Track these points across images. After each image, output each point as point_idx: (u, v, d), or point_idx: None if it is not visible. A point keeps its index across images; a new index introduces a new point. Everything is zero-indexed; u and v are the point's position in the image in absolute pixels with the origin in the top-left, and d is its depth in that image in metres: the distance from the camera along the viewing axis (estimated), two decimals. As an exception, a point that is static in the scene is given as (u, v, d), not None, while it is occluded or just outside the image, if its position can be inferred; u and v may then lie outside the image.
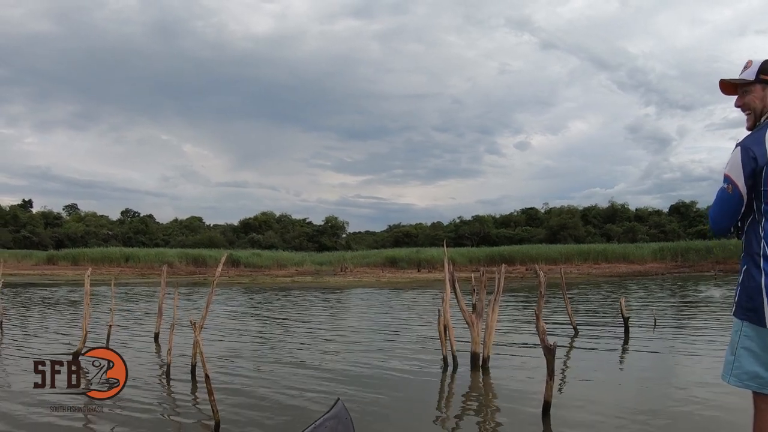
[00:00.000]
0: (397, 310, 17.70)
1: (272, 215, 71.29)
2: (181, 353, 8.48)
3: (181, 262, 43.67)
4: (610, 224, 62.02)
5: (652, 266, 39.57)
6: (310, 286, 29.26)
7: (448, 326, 8.31)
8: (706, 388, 6.62)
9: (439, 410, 6.38)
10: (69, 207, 74.53)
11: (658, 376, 7.81)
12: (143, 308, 17.65)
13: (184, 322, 9.84)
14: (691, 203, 64.63)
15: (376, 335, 11.90)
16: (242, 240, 63.94)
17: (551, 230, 59.84)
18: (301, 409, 6.05)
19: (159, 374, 7.95)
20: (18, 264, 43.28)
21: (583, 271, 37.58)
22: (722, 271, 32.50)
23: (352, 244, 66.98)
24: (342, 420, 3.00)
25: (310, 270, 43.33)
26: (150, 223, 71.62)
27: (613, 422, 5.49)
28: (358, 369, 8.23)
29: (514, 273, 34.28)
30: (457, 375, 7.79)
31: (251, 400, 6.46)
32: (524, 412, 5.88)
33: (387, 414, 5.98)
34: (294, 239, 64.72)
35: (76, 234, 61.53)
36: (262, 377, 7.71)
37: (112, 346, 9.51)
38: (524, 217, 67.65)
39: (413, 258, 44.47)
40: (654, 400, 6.31)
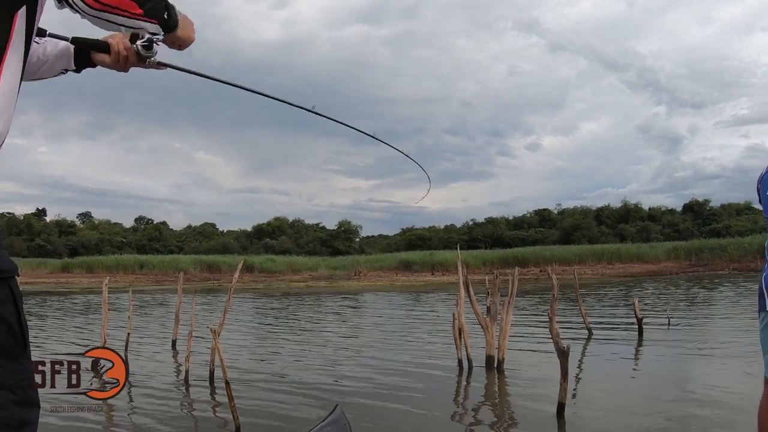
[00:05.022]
0: (411, 313, 17.77)
1: (285, 220, 71.37)
2: (198, 359, 8.58)
3: (195, 269, 43.77)
4: (623, 224, 61.63)
5: (666, 266, 39.29)
6: (324, 291, 29.36)
7: (463, 329, 8.37)
8: (718, 389, 6.64)
9: (454, 411, 6.44)
10: (83, 215, 74.83)
11: (672, 377, 7.81)
12: (159, 315, 17.82)
13: (201, 328, 9.94)
14: (705, 201, 64.10)
15: (390, 338, 11.97)
16: (256, 245, 64.02)
17: (564, 231, 59.58)
18: (320, 410, 6.13)
19: (178, 380, 8.06)
20: (33, 272, 43.53)
21: (597, 272, 37.45)
22: (737, 270, 32.28)
23: (366, 248, 66.92)
24: (341, 425, 3.05)
25: (324, 275, 43.36)
26: (164, 230, 71.85)
27: (626, 424, 5.53)
28: (374, 372, 8.31)
29: (528, 275, 34.22)
30: (472, 377, 7.85)
31: (268, 405, 6.55)
32: (539, 413, 5.93)
33: (403, 416, 6.05)
34: (307, 244, 64.77)
35: (90, 242, 61.84)
36: (279, 382, 7.80)
37: (130, 353, 9.64)
38: (537, 219, 67.34)
39: (427, 261, 44.41)
40: (667, 401, 6.34)
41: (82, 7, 1.46)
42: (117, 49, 1.84)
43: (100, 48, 1.88)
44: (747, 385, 6.38)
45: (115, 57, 1.86)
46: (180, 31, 1.72)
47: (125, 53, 1.84)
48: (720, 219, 58.74)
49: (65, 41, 1.89)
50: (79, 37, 1.89)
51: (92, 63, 1.94)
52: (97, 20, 1.52)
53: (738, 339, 10.07)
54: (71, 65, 1.94)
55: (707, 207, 63.04)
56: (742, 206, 57.67)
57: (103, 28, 1.58)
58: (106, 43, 1.86)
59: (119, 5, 1.50)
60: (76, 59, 1.93)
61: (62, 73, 1.97)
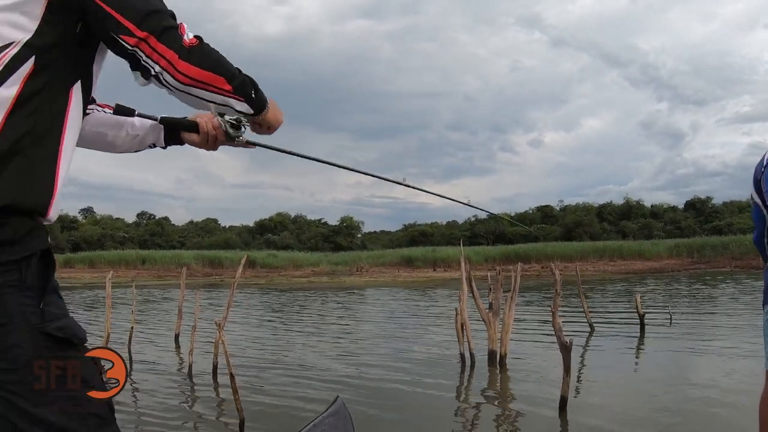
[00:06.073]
0: (413, 308, 17.79)
1: (287, 216, 71.47)
2: (201, 353, 8.61)
3: (197, 264, 43.83)
4: (625, 221, 61.68)
5: (668, 263, 39.29)
6: (326, 287, 29.40)
7: (465, 324, 8.39)
8: (719, 384, 6.66)
9: (457, 405, 6.47)
10: (85, 210, 74.87)
11: (673, 372, 7.84)
12: (162, 310, 17.87)
13: (203, 323, 9.97)
14: (707, 199, 64.17)
15: (392, 333, 12.01)
16: (258, 241, 64.14)
17: (567, 228, 59.62)
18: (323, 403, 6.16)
19: (181, 374, 8.09)
20: (35, 268, 43.43)
21: (599, 269, 37.44)
22: (738, 267, 32.25)
23: (368, 243, 66.98)
24: (342, 417, 3.05)
25: (326, 270, 43.41)
26: (166, 225, 71.96)
27: (628, 418, 5.56)
28: (377, 365, 8.34)
29: (530, 271, 34.25)
30: (475, 372, 7.87)
31: (272, 398, 6.59)
32: (541, 407, 5.95)
33: (404, 410, 6.08)
34: (309, 239, 64.84)
35: (93, 237, 61.95)
36: (282, 375, 7.82)
37: (133, 347, 9.70)
38: (540, 215, 67.38)
39: (429, 257, 44.43)
40: (669, 396, 6.36)
41: (171, 82, 1.47)
42: (206, 129, 1.86)
43: (189, 128, 1.89)
44: (748, 380, 6.39)
45: (204, 137, 1.87)
46: (269, 112, 1.71)
47: (214, 133, 1.85)
48: (722, 216, 58.77)
49: (154, 120, 1.91)
50: (168, 117, 1.91)
51: (180, 141, 1.95)
52: (186, 96, 1.52)
53: (739, 335, 10.10)
54: (160, 142, 1.96)
55: (709, 204, 63.11)
56: (744, 204, 57.52)
57: (191, 104, 1.57)
58: (195, 123, 1.87)
59: (208, 81, 1.50)
60: (165, 137, 1.95)
61: (151, 147, 1.99)
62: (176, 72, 1.45)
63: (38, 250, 1.42)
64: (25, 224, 1.40)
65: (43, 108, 1.41)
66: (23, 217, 1.40)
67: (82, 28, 1.45)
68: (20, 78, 1.37)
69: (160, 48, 1.43)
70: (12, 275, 1.35)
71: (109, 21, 1.41)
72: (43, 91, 1.40)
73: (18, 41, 1.37)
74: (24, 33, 1.38)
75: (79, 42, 1.47)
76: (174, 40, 1.44)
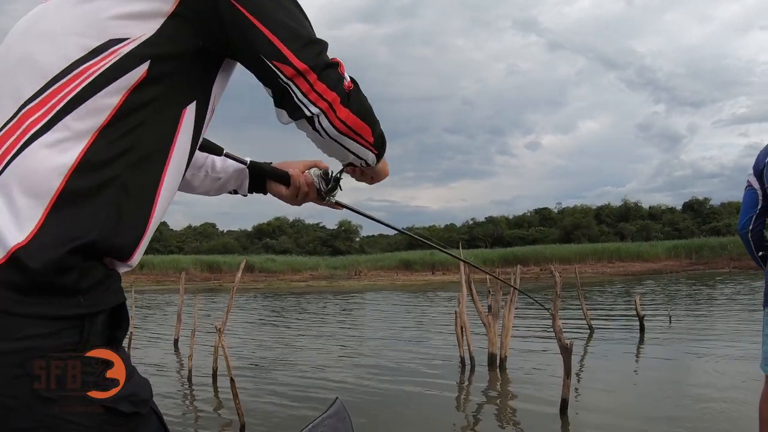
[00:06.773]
0: (412, 311, 17.78)
1: (285, 220, 71.44)
2: (201, 358, 8.60)
3: (195, 269, 43.74)
4: (623, 223, 61.78)
5: (667, 264, 39.31)
6: (325, 291, 29.38)
7: (465, 327, 8.39)
8: (719, 385, 6.67)
9: (457, 408, 6.46)
10: (83, 215, 74.57)
11: (673, 373, 7.85)
12: (161, 315, 17.85)
13: (203, 328, 9.97)
14: (705, 200, 64.37)
15: (392, 336, 11.99)
16: (256, 245, 64.09)
17: (565, 230, 59.70)
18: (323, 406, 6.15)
19: (181, 379, 8.08)
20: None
21: (598, 271, 37.46)
22: (737, 268, 32.26)
23: (366, 247, 66.98)
24: (341, 418, 3.04)
25: (324, 274, 43.38)
26: (163, 230, 71.74)
27: (629, 420, 5.56)
28: (376, 368, 8.32)
29: (529, 274, 34.23)
30: (475, 375, 7.87)
31: (272, 402, 6.58)
32: (542, 409, 5.95)
33: (404, 412, 6.08)
34: (308, 244, 64.85)
35: (91, 242, 61.77)
36: (282, 379, 7.82)
37: (133, 352, 9.68)
38: (537, 218, 67.49)
39: (427, 260, 44.39)
40: (669, 397, 6.37)
41: (327, 129, 1.23)
42: (299, 184, 1.67)
43: (281, 179, 1.69)
44: (748, 381, 6.39)
45: (293, 191, 1.68)
46: (383, 163, 1.49)
47: (306, 189, 1.67)
48: (720, 217, 58.85)
49: (242, 164, 1.70)
50: (258, 163, 1.71)
51: (264, 190, 1.75)
52: (334, 144, 1.28)
53: (738, 336, 10.09)
54: (243, 190, 1.76)
55: (707, 205, 63.27)
56: (742, 205, 57.75)
57: (330, 153, 1.35)
58: (288, 174, 1.68)
59: (359, 130, 1.28)
60: (250, 184, 1.74)
61: (231, 192, 1.78)
62: (336, 118, 1.22)
63: (111, 306, 1.13)
64: (98, 270, 1.08)
65: (148, 127, 1.12)
66: (95, 261, 1.08)
67: (211, 38, 1.16)
68: (127, 84, 1.08)
69: (320, 87, 1.19)
70: (69, 335, 1.03)
71: (260, 40, 1.15)
72: (150, 105, 1.11)
73: (134, 38, 1.09)
74: (143, 30, 1.10)
75: (204, 55, 1.18)
76: (337, 80, 1.21)
